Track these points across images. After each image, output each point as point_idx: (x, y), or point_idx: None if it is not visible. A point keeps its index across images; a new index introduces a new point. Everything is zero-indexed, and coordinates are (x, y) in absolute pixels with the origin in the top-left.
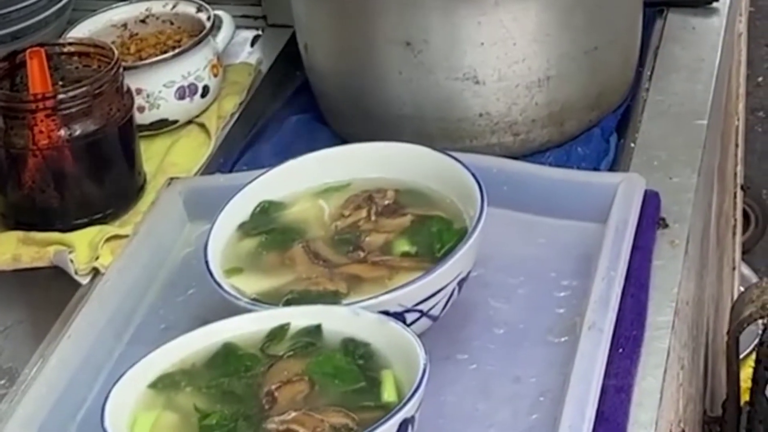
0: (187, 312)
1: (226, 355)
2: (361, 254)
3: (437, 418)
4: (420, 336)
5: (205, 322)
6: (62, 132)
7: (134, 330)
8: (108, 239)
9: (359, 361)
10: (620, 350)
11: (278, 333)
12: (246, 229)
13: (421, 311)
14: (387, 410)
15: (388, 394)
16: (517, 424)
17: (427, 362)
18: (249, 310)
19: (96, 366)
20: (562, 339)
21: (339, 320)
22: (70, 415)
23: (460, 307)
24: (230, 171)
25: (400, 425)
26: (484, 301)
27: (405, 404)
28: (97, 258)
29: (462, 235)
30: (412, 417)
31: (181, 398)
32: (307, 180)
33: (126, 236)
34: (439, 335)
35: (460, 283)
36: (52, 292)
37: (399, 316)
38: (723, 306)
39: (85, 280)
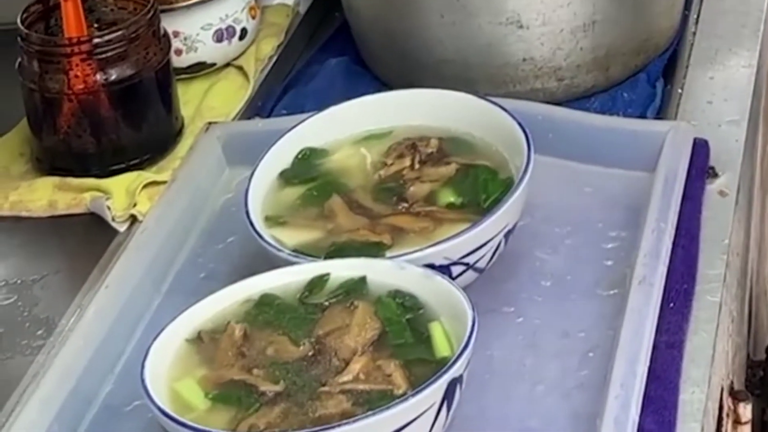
0: (227, 260)
1: (265, 305)
2: (405, 205)
3: (484, 374)
4: (465, 288)
5: (246, 270)
6: (98, 76)
7: (173, 279)
8: (145, 185)
9: (408, 315)
10: (671, 305)
11: (318, 283)
12: (287, 176)
13: (467, 264)
14: (438, 364)
15: (439, 349)
16: (566, 380)
17: (476, 320)
18: (290, 262)
19: (134, 316)
20: (611, 292)
21: (383, 273)
22: (109, 367)
23: (505, 259)
24: (269, 115)
25: (449, 385)
26: (530, 252)
27: (453, 363)
28: (134, 205)
29: (508, 185)
30: (461, 376)
31: (222, 354)
32: (348, 127)
33: (164, 182)
34: (484, 287)
35: (507, 235)
36: (88, 240)
37: (444, 269)
38: (765, 247)
39: (122, 228)
